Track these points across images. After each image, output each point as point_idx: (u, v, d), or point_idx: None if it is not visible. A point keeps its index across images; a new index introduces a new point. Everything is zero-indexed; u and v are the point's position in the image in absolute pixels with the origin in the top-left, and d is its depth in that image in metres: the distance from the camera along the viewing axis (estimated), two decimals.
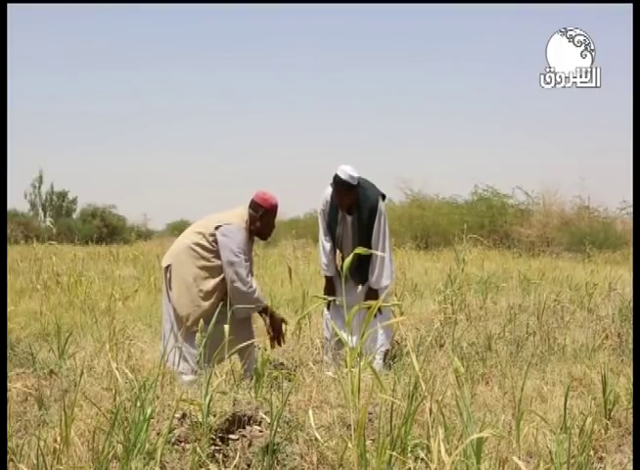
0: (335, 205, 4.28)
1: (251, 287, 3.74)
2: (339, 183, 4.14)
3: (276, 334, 3.91)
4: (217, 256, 3.78)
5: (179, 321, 3.81)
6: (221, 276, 3.78)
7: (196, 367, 3.62)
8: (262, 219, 3.89)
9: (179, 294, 3.82)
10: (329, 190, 4.30)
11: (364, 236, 4.22)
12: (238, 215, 3.88)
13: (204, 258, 3.80)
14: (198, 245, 3.81)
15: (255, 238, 4.04)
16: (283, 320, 3.95)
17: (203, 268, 3.80)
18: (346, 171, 4.12)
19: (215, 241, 3.78)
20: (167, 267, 3.91)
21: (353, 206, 4.24)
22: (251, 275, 3.88)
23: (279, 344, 3.94)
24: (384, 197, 4.35)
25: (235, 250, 3.72)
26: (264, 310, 3.87)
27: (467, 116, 39.95)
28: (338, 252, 4.46)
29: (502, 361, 4.15)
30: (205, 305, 3.76)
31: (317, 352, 4.48)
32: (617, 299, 6.07)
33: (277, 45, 48.04)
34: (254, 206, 3.89)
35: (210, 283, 3.78)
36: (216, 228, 3.78)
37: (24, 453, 2.49)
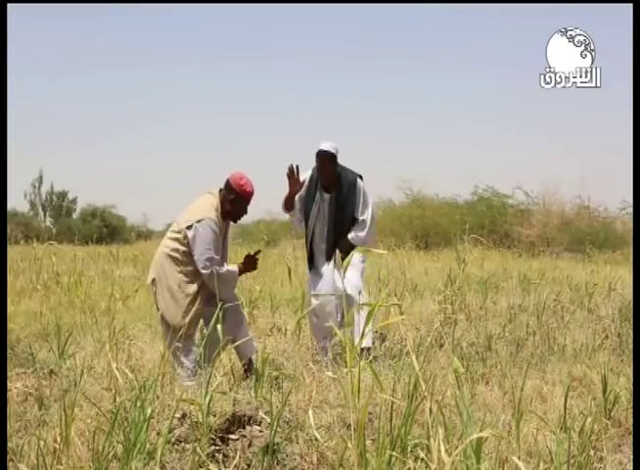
0: (313, 185, 4.48)
1: (225, 273, 3.79)
2: (321, 152, 4.35)
3: (253, 266, 4.01)
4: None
5: (171, 331, 3.78)
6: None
7: (194, 371, 3.63)
8: (234, 203, 3.89)
9: (167, 304, 3.83)
10: (307, 173, 4.49)
11: (341, 212, 4.44)
12: (208, 206, 3.84)
13: (183, 262, 3.80)
14: (175, 251, 3.81)
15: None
16: (248, 261, 4.00)
17: (184, 273, 3.80)
18: (327, 144, 4.37)
19: (189, 242, 3.78)
20: (153, 281, 3.91)
21: (333, 181, 4.44)
22: (225, 261, 3.92)
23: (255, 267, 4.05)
24: (361, 178, 4.54)
25: (205, 247, 3.73)
26: (240, 274, 3.96)
27: (467, 116, 39.93)
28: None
29: (502, 361, 4.15)
30: (193, 308, 3.79)
31: (317, 352, 4.47)
32: (617, 299, 6.07)
33: (278, 45, 48.07)
34: (229, 188, 3.88)
35: (195, 285, 3.80)
36: (188, 228, 3.77)
37: (24, 453, 2.49)
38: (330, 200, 4.45)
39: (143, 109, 49.79)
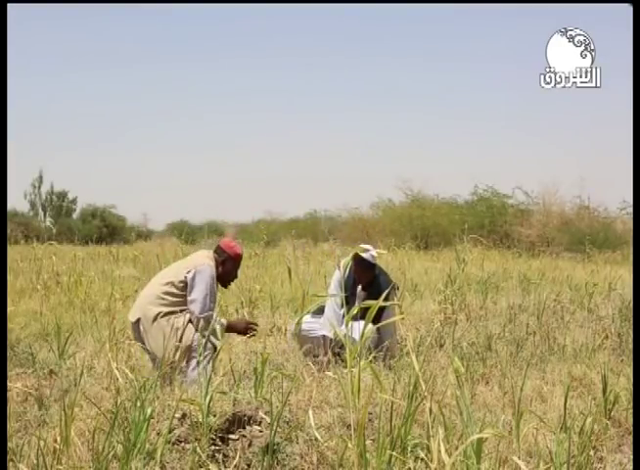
0: (351, 279, 4.51)
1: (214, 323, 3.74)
2: (360, 261, 4.44)
3: (250, 332, 4.01)
4: (186, 300, 3.82)
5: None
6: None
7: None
8: (224, 265, 4.01)
9: (158, 344, 3.68)
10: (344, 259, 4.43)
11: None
12: (205, 258, 3.95)
13: (173, 303, 3.82)
14: (167, 293, 3.83)
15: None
16: (243, 323, 4.08)
17: (174, 310, 3.80)
18: (367, 252, 4.46)
19: (185, 286, 3.81)
20: (138, 321, 3.86)
21: (368, 284, 4.50)
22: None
23: (253, 335, 4.06)
24: (397, 287, 4.65)
25: (205, 289, 3.79)
26: (227, 330, 3.96)
27: (467, 115, 39.84)
28: None
29: (502, 361, 4.15)
30: (187, 339, 3.73)
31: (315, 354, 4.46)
32: (616, 299, 6.08)
33: (278, 45, 47.98)
34: (219, 251, 4.04)
35: (182, 318, 3.78)
36: (188, 272, 3.82)
37: (24, 453, 2.49)
38: (365, 297, 4.39)
39: (143, 109, 49.69)
